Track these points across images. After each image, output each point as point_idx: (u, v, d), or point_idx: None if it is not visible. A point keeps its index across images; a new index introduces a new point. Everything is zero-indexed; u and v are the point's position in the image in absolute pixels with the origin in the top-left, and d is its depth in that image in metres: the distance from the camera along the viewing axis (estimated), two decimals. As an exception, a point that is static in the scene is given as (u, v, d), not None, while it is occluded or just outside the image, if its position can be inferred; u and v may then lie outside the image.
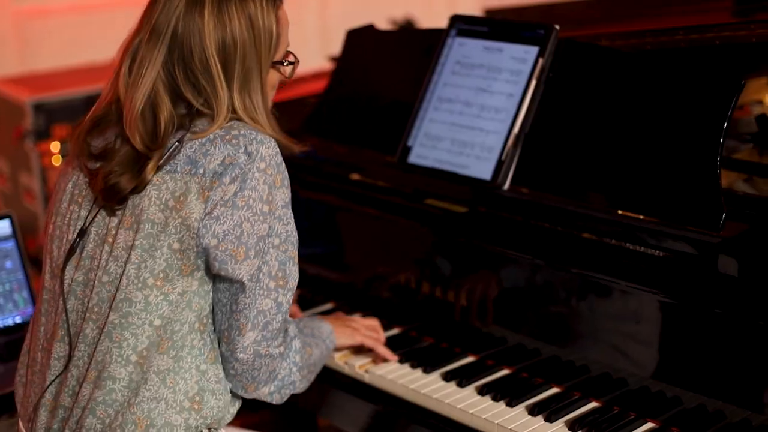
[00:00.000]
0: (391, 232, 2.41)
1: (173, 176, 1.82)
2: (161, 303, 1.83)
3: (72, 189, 1.94)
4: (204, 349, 1.88)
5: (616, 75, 2.21)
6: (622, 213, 2.09)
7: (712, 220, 1.97)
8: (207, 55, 1.83)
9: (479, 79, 2.35)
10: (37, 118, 3.98)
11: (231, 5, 1.85)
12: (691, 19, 2.70)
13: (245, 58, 1.85)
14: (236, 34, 1.84)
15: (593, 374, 2.10)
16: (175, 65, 1.85)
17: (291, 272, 1.90)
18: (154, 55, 1.84)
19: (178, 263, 1.83)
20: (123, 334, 1.83)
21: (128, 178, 1.83)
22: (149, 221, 1.82)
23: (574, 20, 3.02)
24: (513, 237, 2.22)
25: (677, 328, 1.97)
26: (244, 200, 1.81)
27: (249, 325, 1.86)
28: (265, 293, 1.86)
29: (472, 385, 2.16)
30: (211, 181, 1.80)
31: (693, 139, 2.05)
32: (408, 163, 2.39)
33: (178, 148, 1.83)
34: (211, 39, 1.83)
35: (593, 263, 2.08)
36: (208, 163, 1.81)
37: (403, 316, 2.40)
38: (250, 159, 1.81)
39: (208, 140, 1.83)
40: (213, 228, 1.81)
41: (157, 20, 1.85)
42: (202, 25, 1.83)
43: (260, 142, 1.83)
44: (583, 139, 2.20)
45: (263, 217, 1.82)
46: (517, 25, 2.35)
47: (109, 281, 1.85)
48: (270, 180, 1.83)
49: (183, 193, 1.81)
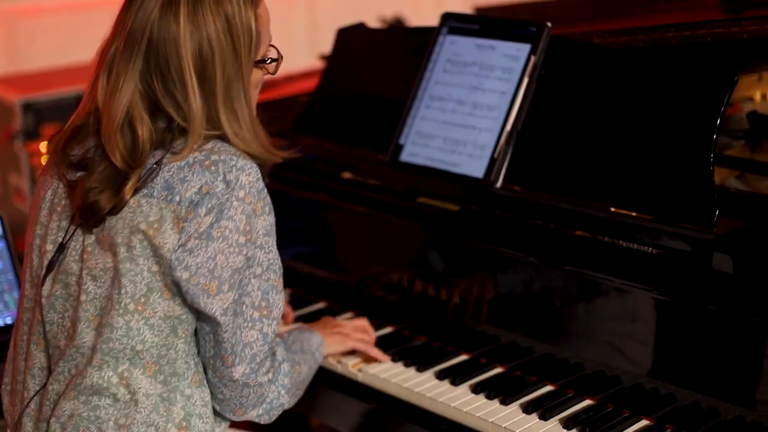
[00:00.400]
0: (383, 231, 2.40)
1: (149, 201, 1.77)
2: (143, 328, 1.79)
3: (51, 197, 1.90)
4: (188, 373, 1.85)
5: (608, 72, 2.20)
6: (615, 210, 2.08)
7: (706, 217, 1.96)
8: (182, 65, 1.76)
9: (471, 77, 2.35)
10: (26, 118, 3.95)
11: (206, 7, 1.77)
12: (678, 16, 2.70)
13: (225, 65, 1.78)
14: (213, 40, 1.77)
15: (587, 372, 2.09)
16: (153, 76, 1.78)
17: (275, 301, 1.85)
18: (130, 66, 1.78)
19: (158, 285, 1.78)
20: (104, 358, 1.80)
21: (107, 196, 1.77)
22: (125, 245, 1.77)
23: (563, 18, 3.01)
24: (506, 235, 2.21)
25: (671, 325, 1.97)
26: (220, 231, 1.75)
27: (235, 358, 1.82)
28: (250, 324, 1.82)
29: (466, 384, 2.15)
30: (186, 211, 1.75)
31: (686, 135, 2.05)
32: (400, 161, 2.39)
33: (156, 170, 1.77)
34: (187, 47, 1.76)
35: (586, 261, 2.08)
36: (184, 191, 1.75)
37: (395, 314, 2.39)
38: (229, 188, 1.75)
39: (187, 164, 1.77)
40: (186, 261, 1.75)
41: (132, 26, 1.78)
42: (178, 32, 1.76)
43: (240, 169, 1.77)
44: (576, 136, 2.19)
45: (239, 249, 1.77)
46: (509, 23, 2.34)
47: (87, 301, 1.81)
48: (249, 209, 1.77)
49: (158, 221, 1.76)
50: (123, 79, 1.78)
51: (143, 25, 1.77)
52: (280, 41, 1.95)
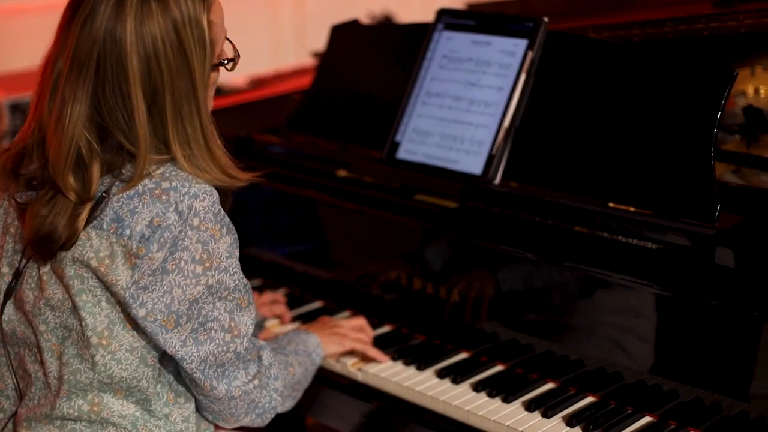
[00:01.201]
0: (381, 229, 2.38)
1: (99, 233, 1.68)
2: (109, 363, 1.73)
3: (4, 216, 1.82)
4: (162, 392, 1.81)
5: (606, 67, 2.19)
6: (615, 206, 2.07)
7: (708, 212, 1.96)
8: (129, 83, 1.64)
9: (468, 73, 2.33)
10: (13, 119, 3.93)
11: (153, 20, 1.64)
12: (668, 10, 2.69)
13: (174, 80, 1.66)
14: (161, 54, 1.64)
15: (589, 369, 2.08)
16: (100, 99, 1.65)
17: (241, 319, 1.78)
18: (78, 91, 1.65)
19: (119, 316, 1.72)
20: (71, 389, 1.76)
21: (62, 226, 1.67)
22: (78, 277, 1.70)
23: (556, 13, 3.00)
24: (505, 232, 2.20)
25: (673, 320, 1.96)
26: (175, 263, 1.67)
27: (212, 381, 1.79)
28: (224, 348, 1.77)
29: (467, 382, 2.14)
30: (138, 247, 1.66)
31: (686, 130, 2.04)
32: (396, 158, 2.37)
33: (105, 201, 1.68)
34: (133, 64, 1.63)
35: (587, 257, 2.07)
36: (135, 224, 1.66)
37: (394, 313, 2.37)
38: (182, 219, 1.66)
39: (137, 193, 1.67)
40: (141, 297, 1.68)
41: (77, 45, 1.65)
42: (124, 49, 1.63)
43: (193, 196, 1.67)
44: (575, 132, 2.18)
45: (196, 280, 1.69)
46: (506, 18, 2.33)
47: (47, 330, 1.76)
48: (206, 236, 1.68)
49: (108, 256, 1.67)
50: (70, 104, 1.65)
51: (89, 43, 1.64)
52: (267, 39, 1.91)
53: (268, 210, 2.62)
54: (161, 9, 1.65)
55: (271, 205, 2.61)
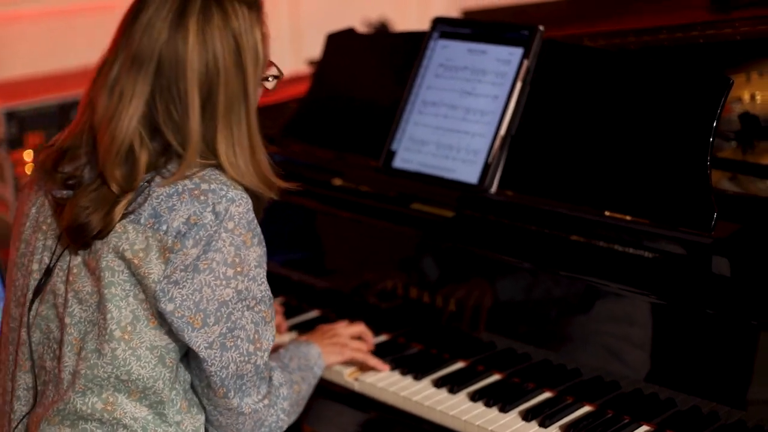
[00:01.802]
0: (377, 238, 2.38)
1: (136, 227, 1.72)
2: (129, 359, 1.74)
3: (36, 215, 1.85)
4: (177, 399, 1.81)
5: (602, 75, 2.19)
6: (611, 215, 2.07)
7: (704, 221, 1.95)
8: (188, 85, 1.72)
9: (463, 81, 2.33)
10: (9, 127, 3.92)
11: (214, 27, 1.73)
12: (665, 16, 2.69)
13: (229, 85, 1.74)
14: (220, 59, 1.72)
15: (585, 378, 2.08)
16: (157, 98, 1.73)
17: (264, 333, 1.81)
18: (136, 88, 1.73)
19: (145, 313, 1.74)
20: (87, 384, 1.76)
21: (98, 218, 1.72)
22: (110, 269, 1.73)
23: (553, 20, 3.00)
24: (501, 241, 2.19)
25: (670, 329, 1.96)
26: (207, 263, 1.71)
27: (228, 391, 1.80)
28: (245, 358, 1.79)
29: (464, 391, 2.14)
30: (173, 242, 1.70)
31: (682, 138, 2.04)
32: (393, 167, 2.37)
33: (146, 193, 1.73)
34: (194, 67, 1.72)
35: (583, 266, 2.07)
36: (172, 220, 1.70)
37: (390, 322, 2.37)
38: (218, 219, 1.71)
39: (176, 192, 1.72)
40: (171, 292, 1.71)
41: (139, 47, 1.73)
42: (186, 52, 1.71)
43: (230, 200, 1.72)
44: (571, 140, 2.18)
45: (227, 282, 1.73)
46: (501, 27, 2.33)
47: (71, 324, 1.77)
48: (238, 240, 1.73)
49: (143, 249, 1.71)
50: (128, 100, 1.73)
51: (151, 45, 1.72)
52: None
53: (264, 219, 2.61)
54: (221, 15, 1.74)
55: (266, 213, 2.60)
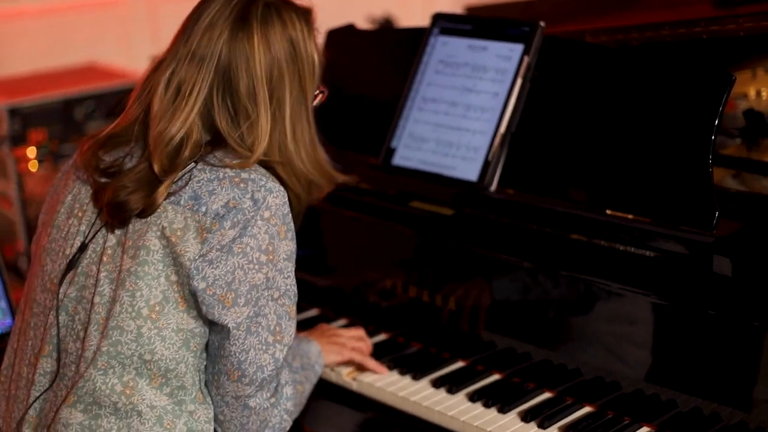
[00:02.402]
0: (376, 236, 2.36)
1: (175, 208, 1.77)
2: (154, 338, 1.77)
3: (72, 202, 1.88)
4: (194, 389, 1.82)
5: (603, 72, 2.16)
6: (613, 213, 2.05)
7: (705, 220, 1.93)
8: (255, 82, 1.80)
9: (464, 78, 2.31)
10: (12, 123, 3.91)
11: (275, 31, 1.81)
12: (670, 12, 2.67)
13: (292, 87, 1.83)
14: (282, 62, 1.81)
15: (586, 378, 2.05)
16: (215, 93, 1.80)
17: (287, 327, 1.83)
18: (199, 82, 1.80)
19: (175, 296, 1.77)
20: (110, 362, 1.77)
21: (139, 197, 1.77)
22: (146, 248, 1.76)
23: (556, 16, 2.98)
24: (501, 239, 2.17)
25: (671, 330, 1.93)
26: (241, 247, 1.75)
27: (243, 376, 1.80)
28: (264, 348, 1.80)
29: (463, 392, 2.12)
30: (211, 222, 1.75)
31: (684, 136, 2.01)
32: (392, 165, 2.35)
33: (187, 177, 1.78)
34: (261, 65, 1.80)
35: (583, 265, 2.04)
36: (211, 203, 1.75)
37: (390, 321, 2.35)
38: (255, 206, 1.75)
39: (217, 178, 1.77)
40: (204, 271, 1.74)
41: (198, 44, 1.80)
42: (251, 51, 1.80)
43: (269, 190, 1.77)
44: (572, 138, 2.16)
45: (259, 266, 1.76)
46: (502, 23, 2.30)
47: (100, 303, 1.79)
48: (273, 230, 1.77)
49: (182, 229, 1.75)
50: (190, 94, 1.79)
51: (212, 44, 1.80)
52: None
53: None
54: (281, 22, 1.83)
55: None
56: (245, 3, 1.83)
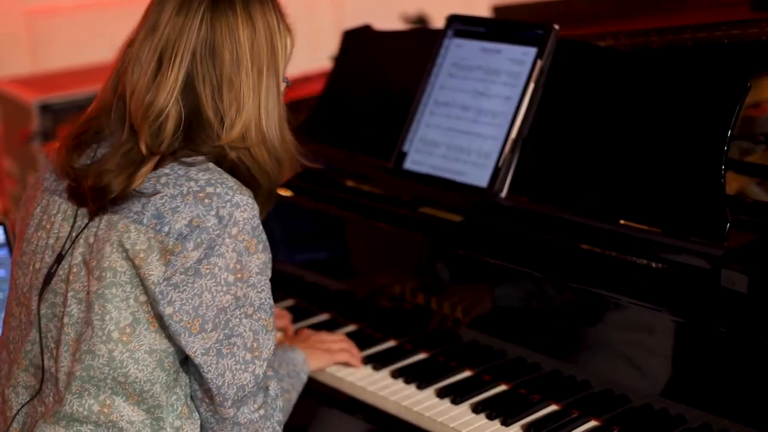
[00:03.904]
0: (385, 242, 2.32)
1: (138, 227, 1.70)
2: (126, 361, 1.72)
3: (40, 214, 1.84)
4: (178, 404, 1.78)
5: (616, 76, 2.11)
6: (624, 223, 1.99)
7: (717, 231, 1.87)
8: (239, 49, 1.75)
9: (477, 81, 2.26)
10: (43, 119, 3.93)
11: (256, 11, 1.77)
12: (703, 15, 2.60)
13: (268, 64, 1.78)
14: (261, 32, 1.77)
15: (594, 390, 2.00)
16: (198, 62, 1.74)
17: (264, 342, 1.77)
18: (182, 50, 1.73)
19: (146, 316, 1.72)
20: (84, 386, 1.73)
21: (121, 180, 1.71)
22: (111, 269, 1.71)
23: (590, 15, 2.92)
24: (509, 247, 2.12)
25: (681, 345, 1.87)
26: (209, 268, 1.68)
27: (225, 400, 1.75)
28: (243, 367, 1.75)
29: (467, 402, 2.07)
30: (174, 243, 1.68)
31: (696, 144, 1.95)
32: (403, 169, 2.31)
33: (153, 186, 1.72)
34: (245, 33, 1.75)
35: (593, 276, 1.99)
36: (174, 222, 1.68)
37: (398, 328, 2.31)
38: (221, 224, 1.69)
39: (181, 194, 1.70)
40: (170, 295, 1.69)
41: (178, 13, 1.74)
42: (234, 19, 1.75)
43: (235, 205, 1.70)
44: (583, 143, 2.10)
45: (227, 288, 1.70)
46: (516, 25, 2.25)
47: (69, 324, 1.75)
48: (241, 247, 1.70)
49: (145, 250, 1.69)
50: (171, 64, 1.73)
51: (192, 12, 1.74)
52: (305, 40, 1.90)
53: (272, 220, 2.57)
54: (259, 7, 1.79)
55: (278, 214, 2.56)
56: None
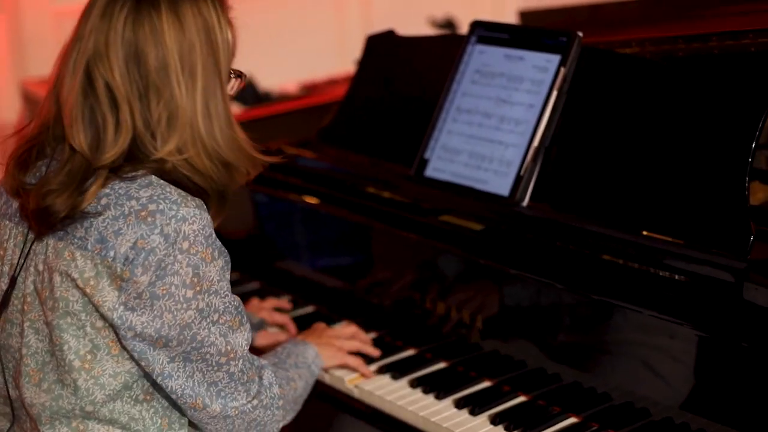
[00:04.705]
0: (404, 250, 2.30)
1: (83, 254, 1.64)
2: (92, 388, 1.69)
3: None
4: (156, 417, 1.76)
5: (639, 84, 2.08)
6: (647, 234, 1.96)
7: (740, 243, 1.84)
8: (166, 53, 1.66)
9: (499, 89, 2.24)
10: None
11: (185, 8, 1.68)
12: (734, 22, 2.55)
13: (204, 64, 1.69)
14: (192, 31, 1.68)
15: (615, 403, 1.97)
16: (125, 75, 1.66)
17: (236, 341, 1.74)
18: (103, 68, 1.65)
19: (104, 341, 1.69)
20: (53, 416, 1.72)
21: (66, 197, 1.64)
22: (63, 299, 1.67)
23: (617, 21, 2.89)
24: (530, 257, 2.10)
25: (702, 359, 1.84)
26: (165, 289, 1.63)
27: (204, 400, 1.74)
28: (215, 368, 1.73)
29: (485, 414, 2.05)
30: (122, 269, 1.63)
31: (720, 155, 1.92)
32: (424, 176, 2.29)
33: (96, 208, 1.65)
34: (171, 36, 1.66)
35: (614, 288, 1.96)
36: (119, 245, 1.62)
37: (418, 336, 2.29)
38: (167, 242, 1.62)
39: (123, 215, 1.63)
40: (129, 320, 1.64)
41: (101, 21, 1.66)
42: (159, 22, 1.66)
43: (181, 219, 1.63)
44: (606, 153, 2.08)
45: (187, 305, 1.65)
46: (539, 32, 2.23)
47: (28, 355, 1.72)
48: (196, 259, 1.64)
49: (94, 277, 1.64)
50: (95, 85, 1.66)
51: (114, 19, 1.65)
52: (333, 43, 1.87)
53: (294, 224, 2.56)
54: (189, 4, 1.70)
55: (300, 219, 2.55)
56: None
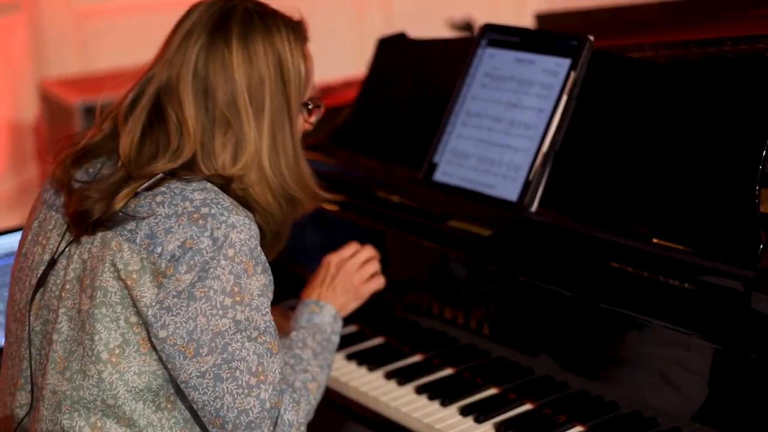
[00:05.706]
0: (412, 254, 2.28)
1: (131, 246, 1.67)
2: (116, 383, 1.68)
3: (37, 229, 1.83)
4: (176, 428, 1.73)
5: (650, 89, 2.05)
6: (657, 242, 1.93)
7: (749, 251, 1.81)
8: (234, 87, 1.73)
9: (509, 92, 2.21)
10: (87, 121, 3.94)
11: (257, 42, 1.76)
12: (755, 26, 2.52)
13: (273, 98, 1.76)
14: (262, 66, 1.75)
15: (621, 413, 1.95)
16: (192, 101, 1.73)
17: (269, 365, 1.70)
18: (176, 89, 1.73)
19: (135, 338, 1.68)
20: (74, 406, 1.71)
21: (101, 205, 1.69)
22: (103, 288, 1.68)
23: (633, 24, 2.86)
24: (538, 263, 2.07)
25: (710, 368, 1.81)
26: (204, 291, 1.64)
27: (226, 423, 1.69)
28: (246, 391, 1.68)
29: (490, 421, 2.03)
30: (166, 266, 1.64)
31: (730, 161, 1.89)
32: (433, 180, 2.27)
33: (151, 199, 1.69)
34: (240, 70, 1.74)
35: (622, 297, 1.93)
36: (167, 243, 1.65)
37: (424, 342, 2.27)
38: (215, 245, 1.64)
39: (175, 214, 1.66)
40: (163, 319, 1.65)
41: (176, 53, 1.75)
42: (229, 56, 1.74)
43: (231, 226, 1.66)
44: (616, 158, 2.05)
45: (223, 312, 1.65)
46: (550, 36, 2.20)
47: (58, 341, 1.72)
48: (238, 269, 1.65)
49: (137, 271, 1.66)
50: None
51: (188, 51, 1.74)
52: (353, 46, 1.87)
53: (301, 227, 2.54)
54: (263, 26, 1.77)
55: (311, 223, 2.53)
56: (224, 9, 1.78)
